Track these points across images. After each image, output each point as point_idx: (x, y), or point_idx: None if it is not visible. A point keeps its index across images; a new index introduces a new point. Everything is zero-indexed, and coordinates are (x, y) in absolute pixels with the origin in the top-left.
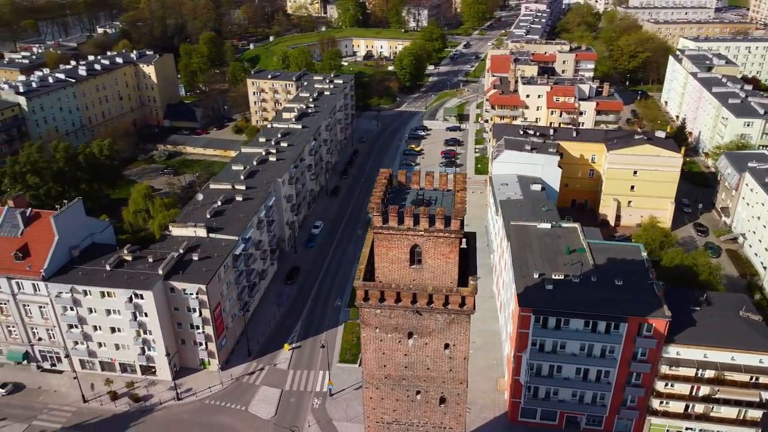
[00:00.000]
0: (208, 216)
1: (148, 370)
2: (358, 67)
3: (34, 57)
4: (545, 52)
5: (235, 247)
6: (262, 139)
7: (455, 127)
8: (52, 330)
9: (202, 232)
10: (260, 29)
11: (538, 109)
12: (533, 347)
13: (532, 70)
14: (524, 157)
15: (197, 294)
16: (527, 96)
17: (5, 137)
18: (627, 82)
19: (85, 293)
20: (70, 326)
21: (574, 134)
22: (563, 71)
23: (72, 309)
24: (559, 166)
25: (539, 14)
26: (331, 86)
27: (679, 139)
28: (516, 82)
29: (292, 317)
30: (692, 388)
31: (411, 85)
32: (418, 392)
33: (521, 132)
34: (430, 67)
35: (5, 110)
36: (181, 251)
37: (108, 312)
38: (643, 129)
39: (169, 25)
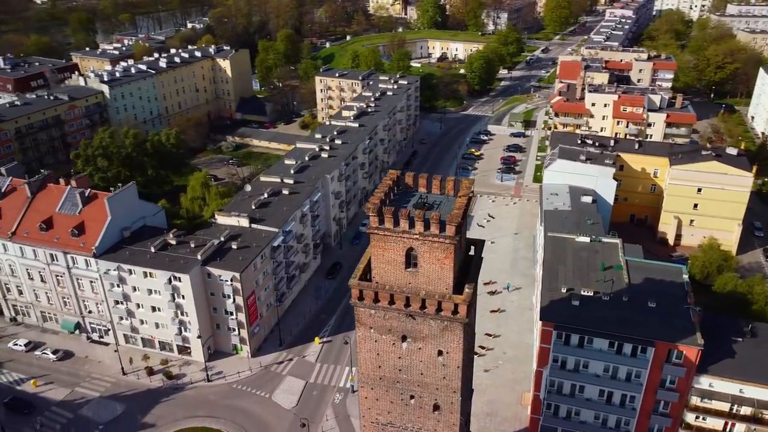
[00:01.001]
0: (253, 207)
1: (184, 350)
2: (429, 69)
3: (124, 49)
4: (621, 60)
5: (274, 238)
6: (318, 136)
7: (520, 133)
8: (100, 304)
9: (244, 222)
10: (340, 28)
11: (603, 119)
12: (555, 364)
13: (602, 78)
14: (577, 167)
15: (231, 281)
16: (593, 104)
17: (88, 122)
18: (712, 95)
19: (130, 272)
20: (116, 302)
21: (637, 146)
22: (639, 80)
23: (118, 286)
24: (615, 178)
25: (623, 20)
26: (395, 87)
27: (760, 157)
28: (583, 89)
29: (328, 311)
30: (726, 424)
31: (480, 89)
32: (411, 397)
33: (579, 141)
34: (503, 72)
35: (89, 97)
36: (222, 239)
37: (149, 291)
38: (713, 144)
39: (253, 22)
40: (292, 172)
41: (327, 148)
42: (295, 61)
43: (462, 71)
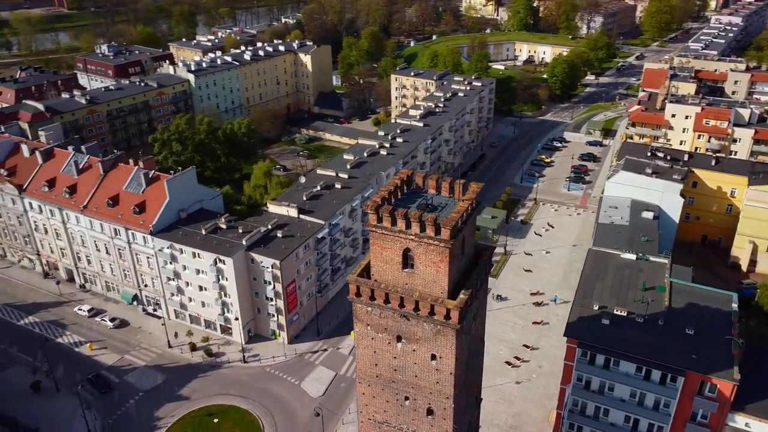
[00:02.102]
0: (304, 198)
1: (226, 330)
2: (510, 72)
3: (216, 41)
4: (715, 70)
5: (319, 230)
6: (381, 133)
7: (597, 142)
8: (155, 279)
9: (293, 212)
10: (429, 28)
11: (684, 132)
12: (578, 383)
13: (689, 88)
14: (641, 181)
15: (272, 268)
16: (673, 116)
17: (174, 109)
18: None
19: (181, 251)
20: (168, 278)
21: (713, 162)
22: (733, 93)
23: (170, 263)
24: (684, 195)
25: (728, 27)
26: (468, 88)
27: None
28: (665, 99)
29: None
30: None
31: (561, 94)
32: (406, 398)
33: (648, 153)
34: (590, 77)
35: (176, 85)
36: (270, 227)
37: (197, 271)
38: None
39: (344, 19)
40: (348, 167)
41: (387, 145)
42: (377, 59)
43: (545, 75)
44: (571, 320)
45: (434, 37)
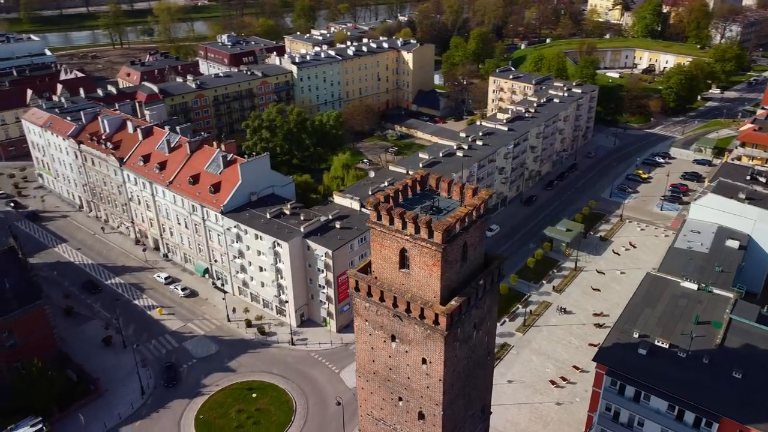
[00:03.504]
0: (370, 192)
1: (281, 311)
2: (621, 80)
3: (327, 35)
4: None
5: None
6: (463, 135)
7: (705, 161)
8: (223, 256)
9: (356, 205)
10: (547, 30)
11: None
12: (606, 412)
13: None
14: (732, 206)
15: (325, 256)
16: None
17: (275, 97)
18: None
19: (246, 232)
20: (234, 256)
21: None
22: None
23: (236, 242)
24: None
25: None
26: (565, 95)
27: None
28: None
29: None
30: None
31: (675, 107)
32: (400, 399)
33: (748, 177)
34: (714, 91)
35: (280, 75)
36: (330, 217)
37: (258, 252)
38: None
39: (459, 19)
40: (420, 165)
41: (465, 147)
42: (483, 60)
43: (661, 86)
44: (605, 345)
45: (548, 40)
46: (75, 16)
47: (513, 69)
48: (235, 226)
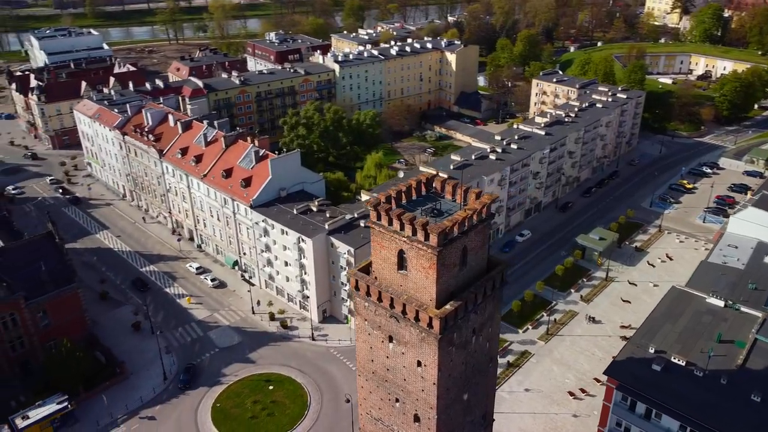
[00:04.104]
0: None
1: (304, 306)
2: (672, 86)
3: (374, 35)
4: None
5: None
6: (498, 138)
7: (756, 172)
8: (251, 249)
9: None
10: (600, 33)
11: None
12: (616, 428)
13: None
14: None
15: (347, 254)
16: None
17: (317, 95)
18: None
19: (272, 227)
20: (261, 250)
21: None
22: None
23: (264, 237)
24: None
25: None
26: (609, 100)
27: None
28: None
29: None
30: None
31: (729, 116)
32: (397, 400)
33: None
34: None
35: (322, 74)
36: (355, 215)
37: (284, 247)
38: None
39: (509, 20)
40: (451, 167)
41: (499, 150)
42: (529, 63)
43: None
44: (618, 358)
45: (599, 43)
46: (136, 12)
47: (560, 72)
48: (262, 221)
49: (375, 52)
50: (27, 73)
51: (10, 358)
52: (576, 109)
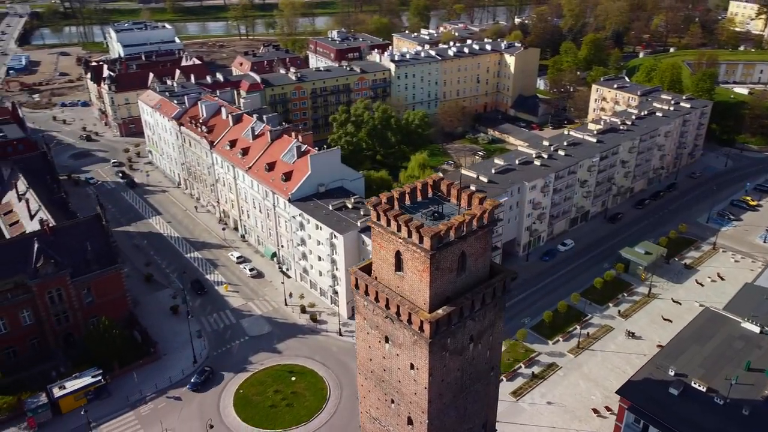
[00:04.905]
0: None
1: (335, 302)
2: (745, 97)
3: (435, 35)
4: None
5: None
6: (546, 143)
7: None
8: (288, 242)
9: None
10: (675, 39)
11: None
12: None
13: None
14: None
15: None
16: None
17: (372, 94)
18: None
19: (308, 221)
20: (297, 243)
21: None
22: None
23: (300, 230)
24: None
25: None
26: (671, 108)
27: None
28: None
29: None
30: None
31: None
32: (392, 401)
33: None
34: None
35: (377, 73)
36: None
37: (318, 242)
38: None
39: (578, 23)
40: (493, 171)
41: (545, 156)
42: (592, 68)
43: None
44: (634, 378)
45: (672, 49)
46: (212, 8)
47: (626, 78)
48: (299, 215)
49: (432, 53)
50: (101, 63)
51: (55, 331)
52: (633, 117)
